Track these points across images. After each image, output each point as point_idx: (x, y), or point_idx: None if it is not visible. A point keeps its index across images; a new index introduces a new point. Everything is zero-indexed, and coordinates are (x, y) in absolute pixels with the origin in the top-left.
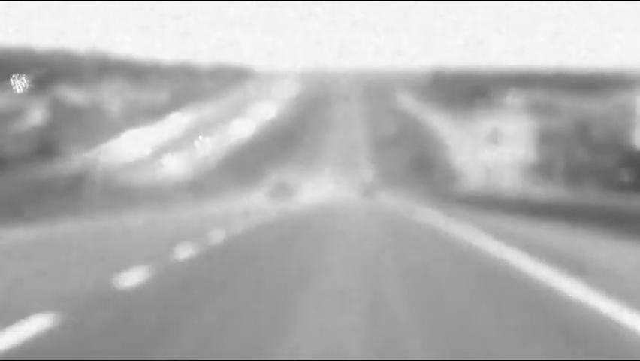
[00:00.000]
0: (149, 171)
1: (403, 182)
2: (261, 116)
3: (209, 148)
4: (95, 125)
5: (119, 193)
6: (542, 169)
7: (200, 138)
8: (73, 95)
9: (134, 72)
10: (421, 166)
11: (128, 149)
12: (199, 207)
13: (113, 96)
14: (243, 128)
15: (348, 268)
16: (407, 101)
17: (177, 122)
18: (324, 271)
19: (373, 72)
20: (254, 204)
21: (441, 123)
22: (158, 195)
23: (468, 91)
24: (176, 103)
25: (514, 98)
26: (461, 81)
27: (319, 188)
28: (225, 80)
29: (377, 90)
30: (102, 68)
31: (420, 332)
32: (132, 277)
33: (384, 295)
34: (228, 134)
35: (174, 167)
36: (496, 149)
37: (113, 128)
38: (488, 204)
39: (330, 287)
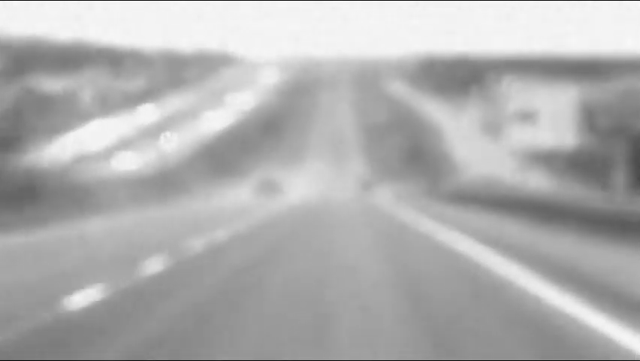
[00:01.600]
0: (94, 170)
1: (398, 175)
2: (243, 105)
3: (176, 143)
4: (65, 116)
5: (38, 198)
6: (588, 160)
7: (168, 133)
8: (47, 83)
9: (114, 60)
10: (416, 158)
11: (81, 142)
12: (148, 212)
13: (88, 85)
14: (222, 118)
15: None
16: (398, 89)
17: (149, 112)
18: None
19: (362, 58)
20: (225, 206)
21: (435, 111)
22: (86, 198)
23: (462, 77)
24: (154, 91)
25: (510, 84)
26: (454, 67)
27: (305, 184)
28: (207, 67)
29: (366, 77)
30: (80, 56)
31: None
32: None
33: None
34: (205, 124)
35: (129, 163)
36: (525, 131)
37: (84, 119)
38: (513, 207)
39: None
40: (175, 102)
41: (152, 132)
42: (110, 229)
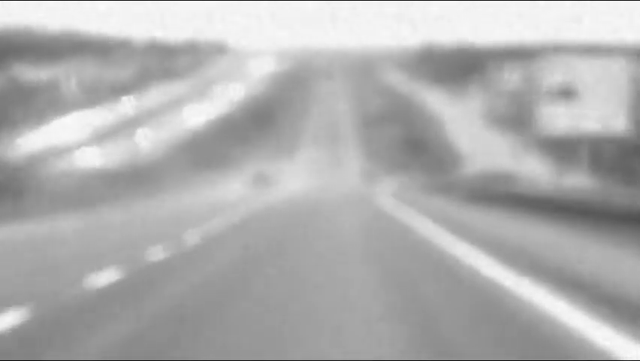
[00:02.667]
0: (63, 164)
1: (398, 169)
2: (235, 96)
3: (160, 135)
4: (48, 106)
5: None
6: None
7: (145, 128)
8: (32, 72)
9: (102, 49)
10: (417, 150)
11: (58, 134)
12: (114, 210)
13: (75, 75)
14: (212, 109)
15: None
16: (396, 79)
17: (136, 103)
18: None
19: (358, 48)
20: (202, 204)
21: (435, 101)
22: (39, 195)
23: (461, 66)
24: (143, 82)
25: (511, 73)
26: (453, 56)
27: (300, 178)
28: (199, 57)
29: (363, 68)
30: (68, 45)
31: None
32: None
33: None
34: (194, 116)
35: (105, 157)
36: (563, 114)
37: (67, 109)
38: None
39: None
40: (164, 93)
41: (137, 124)
42: (54, 233)
